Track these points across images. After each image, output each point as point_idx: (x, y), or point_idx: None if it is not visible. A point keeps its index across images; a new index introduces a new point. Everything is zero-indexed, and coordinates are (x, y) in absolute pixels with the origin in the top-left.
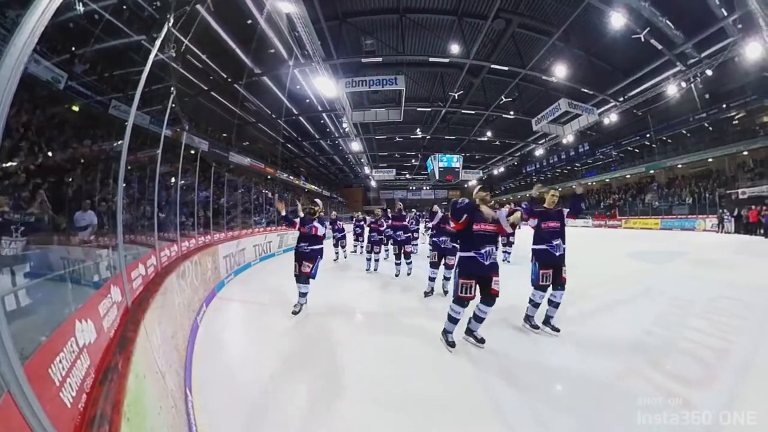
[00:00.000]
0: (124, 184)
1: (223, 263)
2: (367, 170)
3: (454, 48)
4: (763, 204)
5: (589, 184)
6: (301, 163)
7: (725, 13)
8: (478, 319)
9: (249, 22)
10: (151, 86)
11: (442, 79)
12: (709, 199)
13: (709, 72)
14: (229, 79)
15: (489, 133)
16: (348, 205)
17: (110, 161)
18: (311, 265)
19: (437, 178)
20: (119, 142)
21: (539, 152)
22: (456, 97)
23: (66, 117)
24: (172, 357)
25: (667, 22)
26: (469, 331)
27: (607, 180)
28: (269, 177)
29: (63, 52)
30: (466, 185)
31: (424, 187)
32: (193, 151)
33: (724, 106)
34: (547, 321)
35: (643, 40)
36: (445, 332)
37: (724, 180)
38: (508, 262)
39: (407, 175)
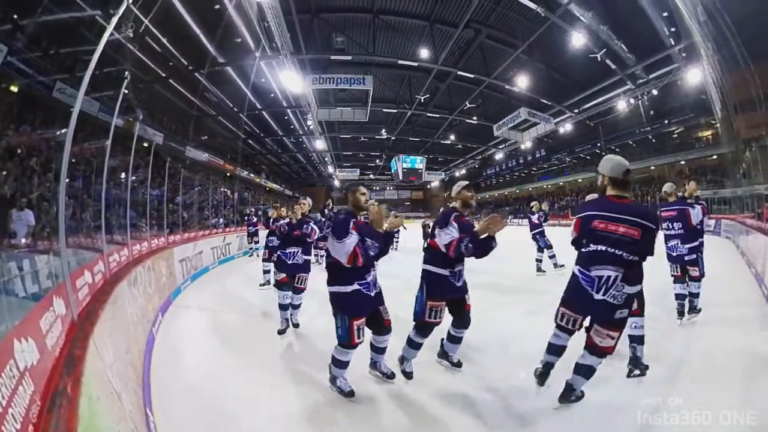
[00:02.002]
0: (68, 180)
1: (179, 268)
2: (330, 169)
3: (424, 52)
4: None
5: (545, 186)
6: (263, 161)
7: (673, 43)
8: (455, 340)
9: (217, 7)
10: (103, 69)
11: (409, 82)
12: (650, 202)
13: (654, 92)
14: (190, 67)
15: (452, 137)
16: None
17: (52, 152)
18: (306, 277)
19: (401, 178)
20: (63, 131)
21: (499, 156)
22: (422, 100)
23: (2, 97)
24: (128, 374)
25: (622, 45)
26: (444, 354)
27: (561, 183)
28: (229, 174)
29: (3, 22)
30: (428, 186)
31: (388, 188)
32: (146, 144)
33: (666, 121)
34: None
35: (599, 59)
36: (403, 359)
37: (663, 185)
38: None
39: (371, 176)
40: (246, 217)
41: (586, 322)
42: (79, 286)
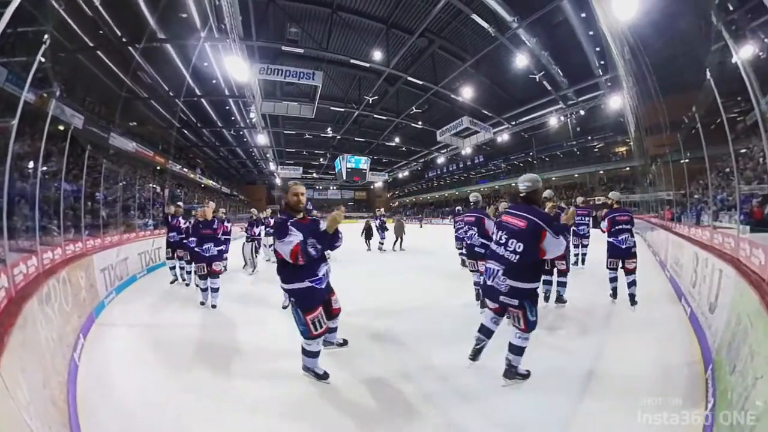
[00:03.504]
0: None
1: (101, 278)
2: (272, 166)
3: (377, 55)
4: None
5: (482, 189)
6: (199, 154)
7: (600, 73)
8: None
9: None
10: (16, 27)
11: (359, 82)
12: (574, 203)
13: (582, 112)
14: (124, 39)
15: (397, 139)
16: (249, 203)
17: None
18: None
19: (344, 178)
20: None
21: (441, 160)
22: (370, 102)
23: None
24: (50, 414)
25: (558, 70)
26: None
27: (497, 187)
28: (159, 168)
29: None
30: (372, 186)
31: (331, 187)
32: (62, 127)
33: (590, 137)
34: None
35: (537, 80)
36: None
37: (585, 190)
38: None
39: (314, 174)
40: (169, 218)
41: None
42: None
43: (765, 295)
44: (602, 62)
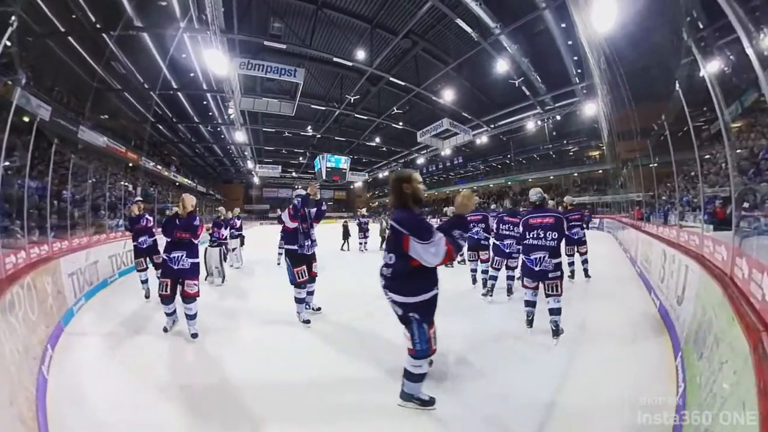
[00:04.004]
0: None
1: (69, 284)
2: (250, 165)
3: (360, 54)
4: (585, 208)
5: (460, 190)
6: (174, 150)
7: (577, 81)
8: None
9: None
10: None
11: (341, 81)
12: (550, 204)
13: (558, 117)
14: (98, 25)
15: (378, 139)
16: (226, 203)
17: None
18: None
19: (324, 177)
20: None
21: (421, 161)
22: (352, 101)
23: None
24: None
25: (537, 76)
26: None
27: (475, 188)
28: (131, 165)
29: None
30: (352, 186)
31: None
32: (27, 119)
33: (565, 141)
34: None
35: (517, 85)
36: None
37: (560, 191)
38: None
39: (293, 173)
40: (131, 219)
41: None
42: None
43: (727, 287)
44: (579, 71)
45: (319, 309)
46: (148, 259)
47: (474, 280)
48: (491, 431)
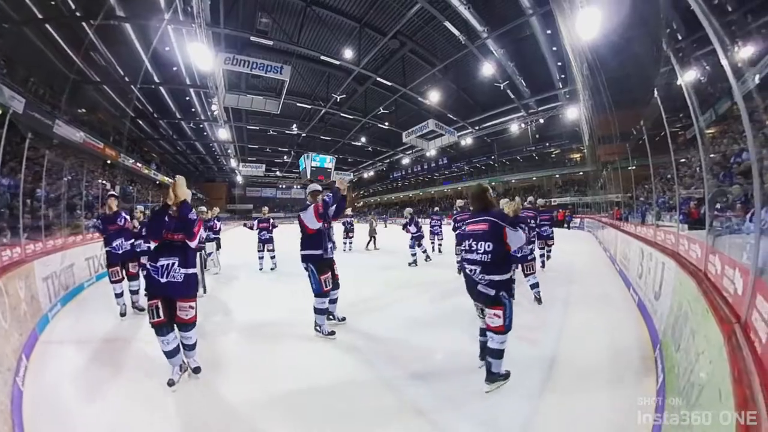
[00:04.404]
0: None
1: (44, 288)
2: (233, 163)
3: (348, 53)
4: (566, 208)
5: (445, 191)
6: (154, 148)
7: (561, 86)
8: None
9: None
10: None
11: (328, 80)
12: (542, 203)
13: (541, 120)
14: (78, 13)
15: (363, 139)
16: (209, 202)
17: None
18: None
19: (309, 177)
20: None
21: (406, 161)
22: (338, 100)
23: None
24: None
25: (522, 80)
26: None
27: (460, 188)
28: (110, 162)
29: None
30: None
31: (295, 186)
32: None
33: (547, 144)
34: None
35: (502, 88)
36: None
37: (542, 192)
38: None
39: (278, 172)
40: (105, 217)
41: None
42: None
43: (701, 282)
44: (563, 76)
45: (344, 319)
46: (123, 267)
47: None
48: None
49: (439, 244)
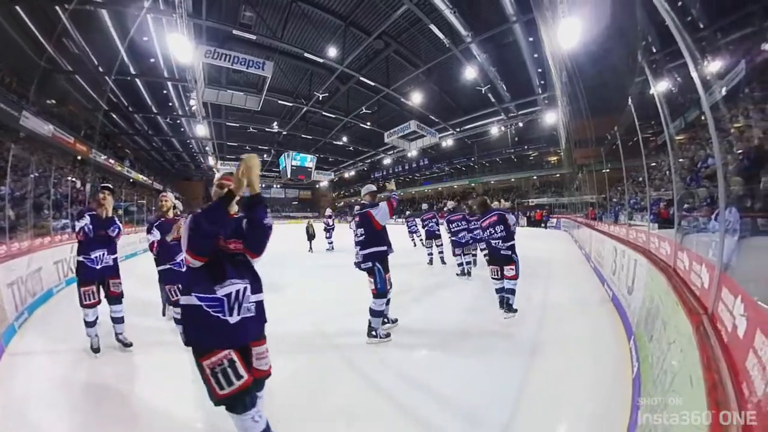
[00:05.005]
0: None
1: (9, 295)
2: (211, 161)
3: (332, 51)
4: (543, 209)
5: (426, 191)
6: (128, 143)
7: (540, 91)
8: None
9: None
10: None
11: (310, 77)
12: (509, 205)
13: (520, 124)
14: None
15: (345, 138)
16: (185, 202)
17: None
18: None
19: (289, 176)
20: None
21: (387, 161)
22: (320, 98)
23: None
24: None
25: (503, 85)
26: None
27: (440, 188)
28: (80, 158)
29: None
30: (317, 186)
31: (275, 185)
32: None
33: (526, 147)
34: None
35: (483, 92)
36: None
37: (520, 193)
38: None
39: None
40: (97, 221)
41: None
42: None
43: (671, 278)
44: (542, 82)
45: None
46: (101, 286)
47: (431, 262)
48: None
49: (420, 240)
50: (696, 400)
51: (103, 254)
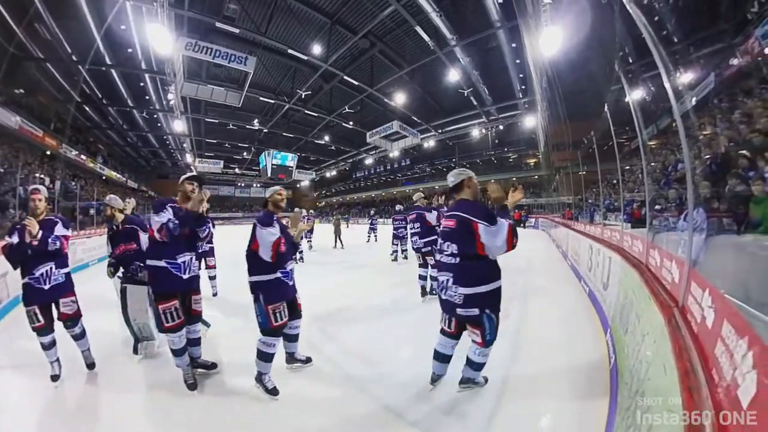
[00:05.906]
0: None
1: None
2: (189, 158)
3: (317, 49)
4: (522, 209)
5: (407, 191)
6: (101, 138)
7: (521, 96)
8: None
9: None
10: None
11: (294, 75)
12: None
13: (501, 126)
14: None
15: (327, 137)
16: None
17: None
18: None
19: (269, 175)
20: None
21: (369, 161)
22: (303, 96)
23: None
24: None
25: (485, 88)
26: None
27: (421, 189)
28: (50, 152)
29: None
30: (298, 185)
31: (254, 184)
32: None
33: (506, 149)
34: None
35: (465, 95)
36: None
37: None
38: None
39: (236, 170)
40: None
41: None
42: None
43: (644, 273)
44: (523, 87)
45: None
46: (53, 308)
47: (395, 259)
48: None
49: (404, 250)
50: (670, 387)
51: (51, 270)
